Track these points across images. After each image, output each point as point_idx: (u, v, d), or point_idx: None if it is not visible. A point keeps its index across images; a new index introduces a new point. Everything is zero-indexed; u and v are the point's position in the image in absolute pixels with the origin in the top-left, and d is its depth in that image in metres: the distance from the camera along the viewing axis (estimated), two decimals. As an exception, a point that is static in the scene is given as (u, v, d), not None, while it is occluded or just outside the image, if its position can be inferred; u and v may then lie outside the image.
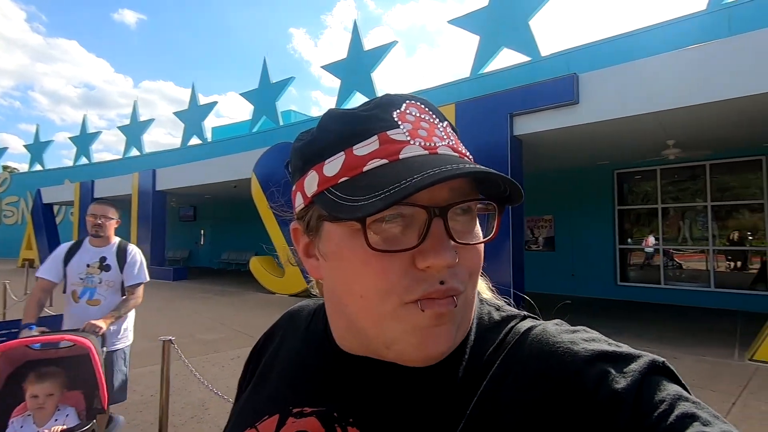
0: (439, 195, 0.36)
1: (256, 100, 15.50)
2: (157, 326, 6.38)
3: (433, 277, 0.36)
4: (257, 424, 0.46)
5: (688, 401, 0.33)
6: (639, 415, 0.32)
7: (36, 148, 23.64)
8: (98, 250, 2.55)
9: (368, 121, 0.39)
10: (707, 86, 5.04)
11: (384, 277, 0.36)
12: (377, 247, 0.36)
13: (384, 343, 0.39)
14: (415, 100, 0.42)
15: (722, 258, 8.54)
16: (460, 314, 0.39)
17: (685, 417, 0.31)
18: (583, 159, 8.58)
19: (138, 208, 14.27)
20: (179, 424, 3.12)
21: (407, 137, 0.38)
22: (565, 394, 0.35)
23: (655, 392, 0.33)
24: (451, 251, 0.36)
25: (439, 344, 0.37)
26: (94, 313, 2.40)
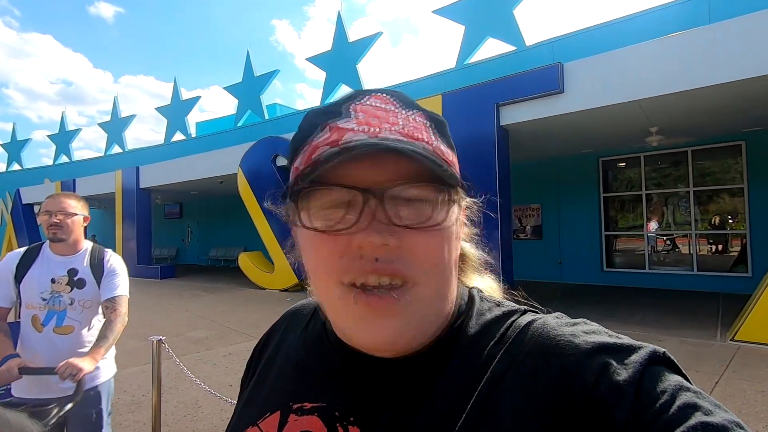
0: (380, 177, 0.37)
1: (240, 94, 15.25)
2: (147, 325, 6.31)
3: (367, 256, 0.37)
4: (259, 422, 0.46)
5: (690, 391, 0.33)
6: (640, 407, 0.32)
7: (13, 147, 22.97)
8: (64, 260, 1.86)
9: (324, 114, 0.42)
10: (688, 73, 5.12)
11: (323, 256, 0.39)
12: (312, 227, 0.38)
13: (342, 329, 0.42)
14: (384, 93, 0.43)
15: (704, 242, 8.75)
16: (419, 308, 0.38)
17: (687, 407, 0.31)
18: (569, 147, 8.67)
19: (122, 207, 14.01)
20: (172, 423, 3.10)
21: (354, 125, 0.39)
22: (567, 386, 0.35)
23: (657, 383, 0.33)
24: (380, 232, 0.36)
25: (384, 337, 0.38)
26: (65, 346, 1.76)
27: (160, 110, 17.70)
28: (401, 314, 0.37)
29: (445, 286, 0.41)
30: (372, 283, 0.37)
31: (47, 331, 1.79)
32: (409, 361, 0.41)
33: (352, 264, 0.37)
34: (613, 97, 5.65)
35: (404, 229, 0.37)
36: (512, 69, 7.52)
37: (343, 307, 0.39)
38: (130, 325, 2.11)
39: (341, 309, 0.39)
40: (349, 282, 0.37)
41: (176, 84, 17.46)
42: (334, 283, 0.38)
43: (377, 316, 0.37)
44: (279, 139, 9.77)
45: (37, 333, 1.79)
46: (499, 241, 6.26)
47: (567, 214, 9.80)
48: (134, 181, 13.57)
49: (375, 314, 0.37)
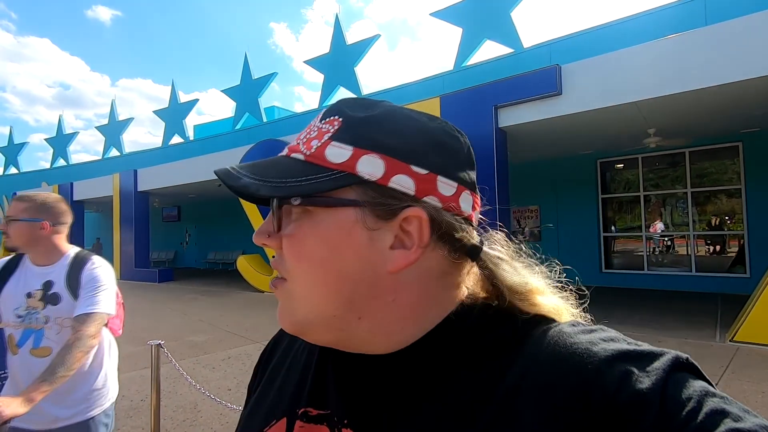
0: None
1: (238, 97, 15.26)
2: (145, 329, 6.28)
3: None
4: (265, 429, 0.46)
5: (716, 396, 0.32)
6: (666, 416, 0.31)
7: (10, 151, 22.91)
8: (42, 271, 1.59)
9: None
10: (685, 75, 5.14)
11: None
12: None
13: None
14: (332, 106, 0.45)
15: (702, 243, 8.78)
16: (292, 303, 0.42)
17: (715, 413, 0.30)
18: (567, 149, 8.69)
19: (120, 210, 13.98)
20: (171, 428, 3.08)
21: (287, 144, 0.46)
22: (586, 396, 0.33)
23: (682, 390, 0.32)
24: (260, 233, 0.43)
25: (279, 315, 0.44)
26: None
27: (158, 113, 17.69)
28: (283, 303, 0.43)
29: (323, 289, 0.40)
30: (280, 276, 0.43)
31: (23, 353, 1.54)
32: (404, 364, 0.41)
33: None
34: (610, 98, 5.67)
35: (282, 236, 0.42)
36: (510, 71, 7.54)
37: None
38: (128, 329, 2.05)
39: None
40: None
41: (174, 87, 17.46)
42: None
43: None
44: (277, 141, 9.77)
45: (12, 355, 1.56)
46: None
47: (565, 215, 9.82)
48: (132, 184, 13.54)
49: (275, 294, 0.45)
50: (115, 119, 19.39)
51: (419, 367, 0.41)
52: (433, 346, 0.41)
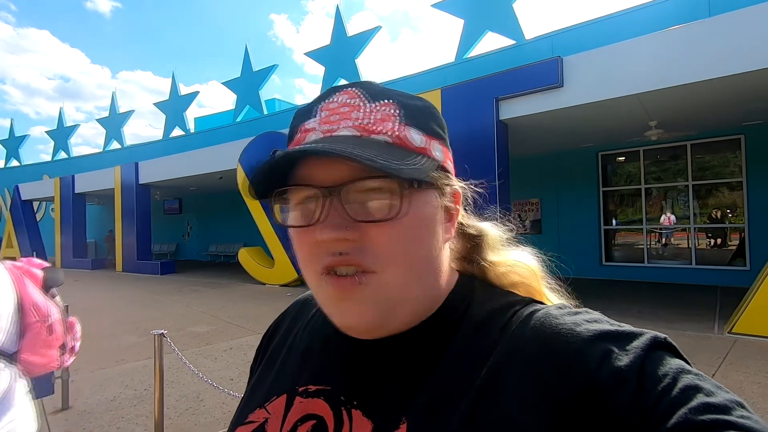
0: (337, 174, 0.39)
1: (238, 89, 15.19)
2: (147, 321, 6.34)
3: (331, 249, 0.39)
4: (266, 404, 0.48)
5: (691, 373, 0.33)
6: (643, 391, 0.32)
7: (11, 143, 22.90)
8: None
9: (299, 116, 0.45)
10: (687, 67, 5.11)
11: (300, 249, 0.42)
12: (286, 223, 0.43)
13: (325, 312, 0.44)
14: (355, 87, 0.44)
15: (703, 236, 8.78)
16: (383, 295, 0.40)
17: (689, 389, 0.32)
18: (568, 142, 8.67)
19: (121, 203, 14.00)
20: (175, 417, 3.13)
21: (316, 125, 0.42)
22: (569, 374, 0.35)
23: (658, 367, 0.34)
24: (337, 228, 0.38)
25: (348, 319, 0.41)
26: None
27: (158, 106, 17.64)
28: (366, 299, 0.40)
29: (416, 271, 0.41)
30: (341, 273, 0.40)
31: None
32: (406, 344, 0.43)
33: (320, 256, 0.40)
34: (612, 91, 5.65)
35: (363, 223, 0.39)
36: (511, 63, 7.50)
37: (320, 290, 0.42)
38: (131, 320, 2.07)
39: (319, 293, 0.43)
40: (320, 271, 0.40)
41: (174, 79, 17.39)
42: (312, 271, 0.42)
43: (343, 298, 0.40)
44: (278, 134, 9.75)
45: None
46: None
47: (566, 208, 9.81)
48: (133, 176, 13.55)
49: (342, 296, 0.40)
50: (116, 112, 19.34)
51: (423, 346, 0.43)
52: (438, 325, 0.43)
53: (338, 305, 0.41)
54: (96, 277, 12.64)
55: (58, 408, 3.32)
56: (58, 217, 16.29)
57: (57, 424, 3.07)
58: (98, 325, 6.11)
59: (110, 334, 5.58)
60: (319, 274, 0.41)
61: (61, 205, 16.06)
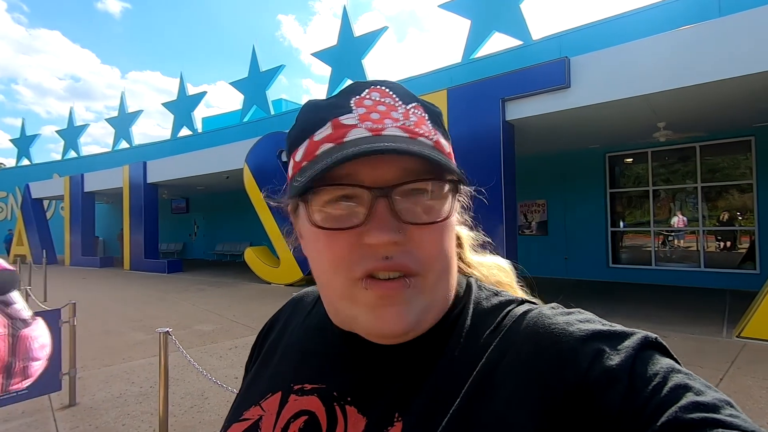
0: (387, 175, 0.38)
1: (246, 90, 15.28)
2: (154, 319, 6.39)
3: (378, 253, 0.38)
4: (261, 401, 0.48)
5: (681, 373, 0.34)
6: (633, 390, 0.33)
7: (22, 143, 23.21)
8: None
9: (326, 109, 0.42)
10: (697, 68, 5.05)
11: (332, 253, 0.39)
12: (322, 224, 0.39)
13: (348, 318, 0.42)
14: (383, 85, 0.43)
15: (712, 238, 8.68)
16: (423, 297, 0.40)
17: (679, 388, 0.32)
18: (575, 143, 8.61)
19: (130, 202, 14.13)
20: (179, 414, 3.15)
21: (356, 121, 0.40)
22: (560, 373, 0.35)
23: (649, 366, 0.34)
24: (392, 230, 0.37)
25: (391, 324, 0.39)
26: None
27: (166, 106, 17.79)
28: (408, 302, 0.39)
29: (446, 275, 0.42)
30: (382, 277, 0.38)
31: None
32: (407, 345, 0.42)
33: (361, 260, 0.38)
34: (620, 91, 5.60)
35: (410, 225, 0.38)
36: (518, 63, 7.47)
37: (354, 297, 0.39)
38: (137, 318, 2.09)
39: (347, 301, 0.40)
40: (358, 277, 0.38)
41: (182, 79, 17.53)
42: (341, 277, 0.39)
43: (386, 304, 0.38)
44: (284, 134, 9.71)
45: None
46: (504, 236, 6.25)
47: (573, 209, 9.75)
48: (141, 175, 13.67)
49: (385, 302, 0.38)
50: (125, 111, 19.54)
51: (423, 346, 0.43)
52: (441, 326, 0.43)
53: (376, 312, 0.39)
54: (104, 275, 12.77)
55: (65, 404, 3.36)
56: (67, 215, 16.48)
57: (64, 420, 3.10)
58: (106, 323, 6.17)
59: (117, 332, 5.64)
60: (356, 279, 0.38)
61: (70, 204, 16.25)
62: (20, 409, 3.23)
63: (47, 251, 14.31)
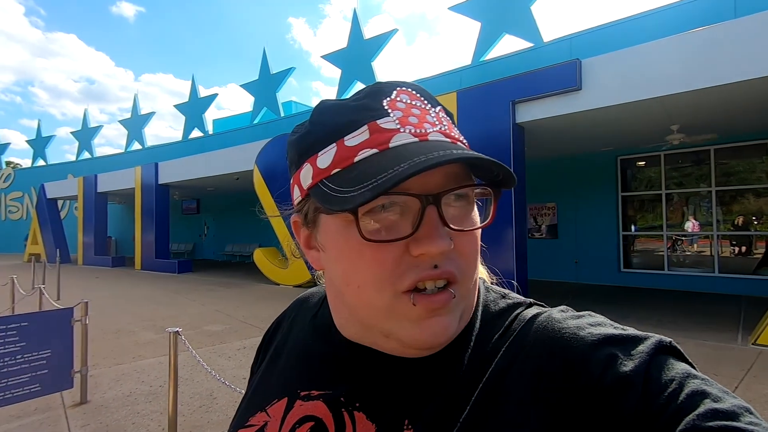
0: (432, 182, 0.37)
1: (256, 92, 15.42)
2: (164, 318, 6.46)
3: (425, 262, 0.37)
4: (267, 407, 0.47)
5: (697, 378, 0.32)
6: (648, 396, 0.32)
7: (38, 144, 23.68)
8: None
9: (358, 111, 0.39)
10: (712, 70, 4.97)
11: (378, 266, 0.37)
12: (371, 237, 0.36)
13: (383, 332, 0.40)
14: (406, 86, 0.42)
15: (726, 243, 8.52)
16: (462, 303, 0.39)
17: (695, 394, 0.31)
18: (586, 145, 8.53)
19: (141, 202, 14.32)
20: (188, 414, 3.17)
21: (397, 125, 0.38)
22: (571, 379, 0.34)
23: (664, 372, 0.33)
24: (445, 238, 0.36)
25: (438, 335, 0.38)
26: None
27: (178, 107, 18.01)
28: (452, 311, 0.38)
29: (476, 280, 0.42)
30: (429, 288, 0.37)
31: None
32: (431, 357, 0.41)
33: (408, 271, 0.37)
34: (632, 94, 5.53)
35: (456, 232, 0.38)
36: (529, 66, 7.43)
37: (397, 311, 0.38)
38: (148, 317, 2.12)
39: (392, 314, 0.38)
40: (404, 289, 0.37)
41: (194, 82, 17.74)
42: (386, 291, 0.37)
43: (433, 315, 0.37)
44: (294, 136, 9.82)
45: None
46: (514, 239, 6.21)
47: (584, 213, 9.65)
48: (153, 177, 13.85)
49: (432, 314, 0.37)
50: (138, 113, 19.83)
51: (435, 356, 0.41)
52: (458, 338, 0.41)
53: (423, 323, 0.37)
54: (116, 275, 12.94)
55: (77, 401, 3.40)
56: (81, 215, 16.75)
57: (75, 418, 3.14)
58: (117, 321, 6.25)
59: (128, 331, 5.70)
60: (401, 292, 0.37)
61: (84, 204, 16.52)
62: (33, 406, 3.28)
63: (61, 250, 14.55)
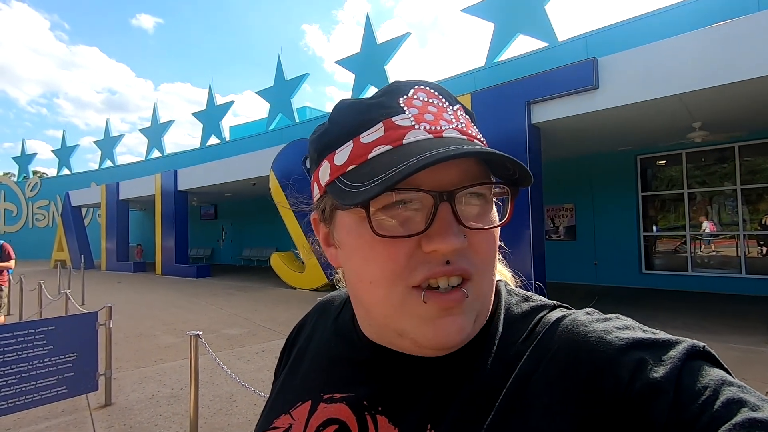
0: (447, 179, 0.37)
1: (271, 98, 15.63)
2: (184, 322, 6.57)
3: (437, 259, 0.36)
4: (291, 410, 0.47)
5: (733, 386, 0.31)
6: (681, 405, 0.30)
7: (63, 153, 24.46)
8: None
9: (374, 109, 0.40)
10: (735, 65, 4.84)
11: (390, 261, 0.37)
12: (383, 233, 0.36)
13: (396, 331, 0.40)
14: (425, 85, 0.41)
15: (753, 243, 8.24)
16: (476, 304, 0.39)
17: (732, 403, 0.29)
18: (604, 145, 8.38)
19: (161, 209, 14.63)
20: (209, 416, 3.21)
21: (412, 122, 0.38)
22: (599, 385, 0.33)
23: (697, 378, 0.31)
24: (457, 235, 0.36)
25: (450, 335, 0.37)
26: None
27: (196, 115, 18.38)
28: (466, 311, 0.38)
29: (493, 280, 0.41)
30: (442, 285, 0.37)
31: None
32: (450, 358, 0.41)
33: (419, 267, 0.37)
34: (651, 91, 5.41)
35: (471, 230, 0.37)
36: (544, 66, 7.34)
37: (408, 308, 0.38)
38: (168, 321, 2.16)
39: (404, 311, 0.38)
40: (415, 285, 0.37)
41: (211, 90, 18.09)
42: (397, 286, 0.37)
43: (446, 315, 0.37)
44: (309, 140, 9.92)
45: None
46: (531, 241, 6.13)
47: (602, 214, 9.46)
48: (172, 183, 14.15)
49: (444, 313, 0.37)
50: (157, 122, 20.31)
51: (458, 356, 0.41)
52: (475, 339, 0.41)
53: (436, 323, 0.37)
54: (137, 280, 13.24)
55: (102, 404, 3.49)
56: (103, 222, 17.21)
57: (100, 420, 3.22)
58: (139, 325, 6.39)
59: (150, 334, 5.82)
60: (413, 288, 0.37)
61: (106, 211, 16.97)
62: (60, 408, 3.38)
63: (85, 256, 14.96)
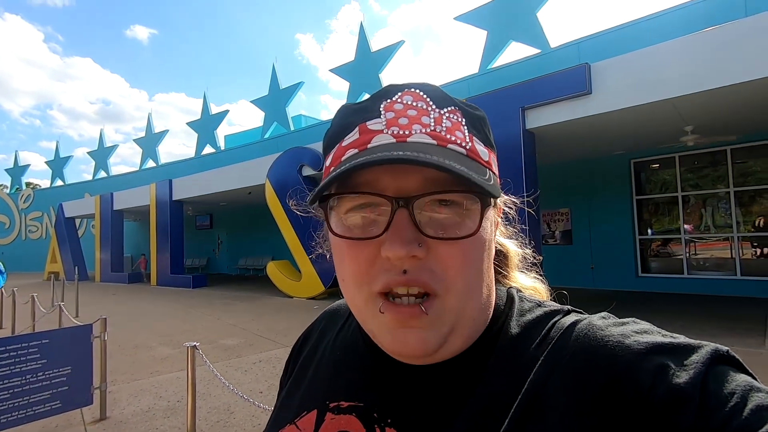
0: (408, 185, 0.36)
1: (266, 107, 15.66)
2: (180, 333, 6.50)
3: (396, 267, 0.36)
4: (296, 420, 0.46)
5: (761, 391, 0.30)
6: (707, 412, 0.29)
7: (56, 164, 24.32)
8: None
9: (357, 113, 0.41)
10: (725, 69, 4.91)
11: (353, 263, 0.38)
12: (339, 232, 0.38)
13: (370, 333, 0.41)
14: (416, 88, 0.41)
15: (747, 245, 8.30)
16: (449, 317, 0.37)
17: (761, 410, 0.28)
18: (599, 149, 8.45)
19: (156, 219, 14.55)
20: (206, 428, 3.16)
21: (383, 126, 0.38)
22: (618, 392, 0.32)
23: (723, 384, 0.30)
24: (408, 243, 0.35)
25: (409, 345, 0.37)
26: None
27: (190, 125, 18.37)
28: (428, 326, 0.36)
29: (475, 294, 0.39)
30: (401, 293, 0.36)
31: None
32: (448, 363, 0.40)
33: (381, 274, 0.36)
34: (644, 96, 5.48)
35: (431, 239, 0.36)
36: (537, 72, 7.42)
37: (370, 314, 0.38)
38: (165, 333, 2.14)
39: (368, 316, 0.39)
40: (378, 291, 0.37)
41: (206, 99, 18.10)
42: (362, 290, 0.38)
43: (404, 327, 0.36)
44: (304, 149, 9.95)
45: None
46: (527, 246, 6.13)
47: (598, 218, 9.51)
48: (167, 193, 14.09)
49: (401, 325, 0.36)
50: (152, 132, 20.27)
51: (465, 366, 0.40)
52: (482, 344, 0.41)
53: (395, 333, 0.37)
54: (132, 291, 13.11)
55: (97, 418, 3.42)
56: (97, 233, 17.08)
57: (95, 434, 3.16)
58: (135, 337, 6.31)
59: (146, 346, 5.75)
60: (374, 295, 0.37)
61: (100, 222, 16.85)
62: (54, 423, 3.31)
63: (79, 268, 14.81)
